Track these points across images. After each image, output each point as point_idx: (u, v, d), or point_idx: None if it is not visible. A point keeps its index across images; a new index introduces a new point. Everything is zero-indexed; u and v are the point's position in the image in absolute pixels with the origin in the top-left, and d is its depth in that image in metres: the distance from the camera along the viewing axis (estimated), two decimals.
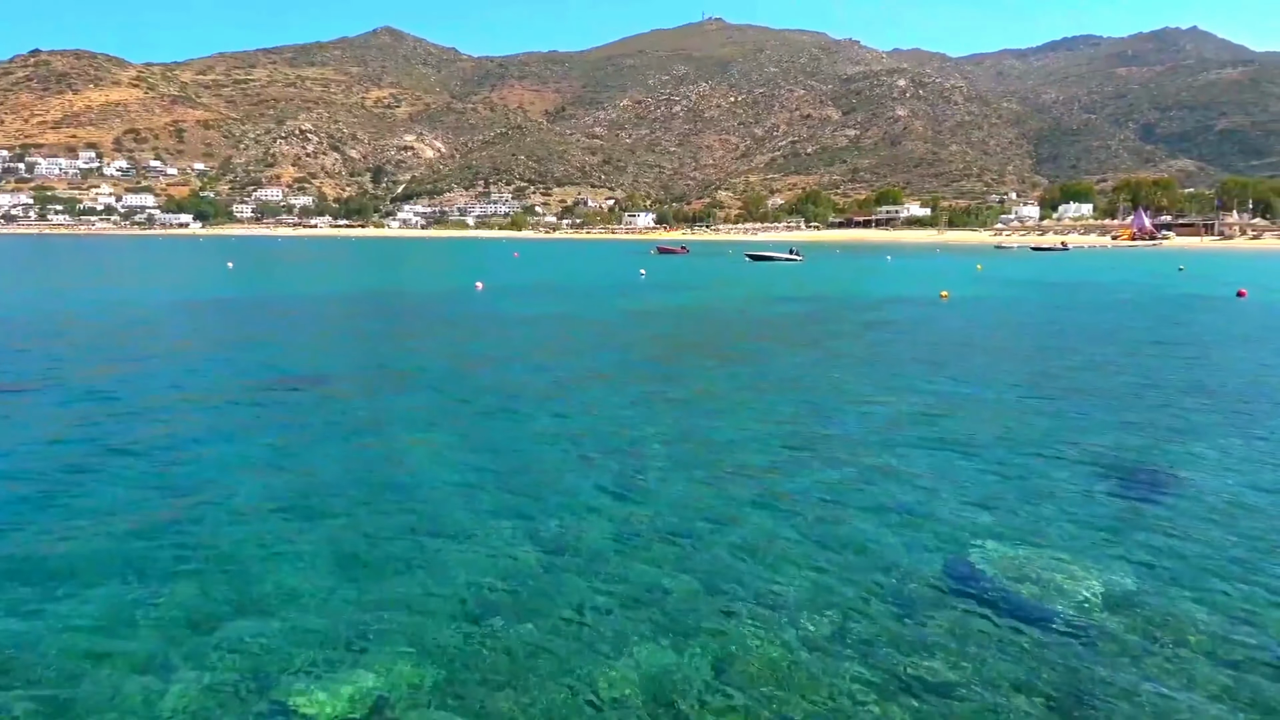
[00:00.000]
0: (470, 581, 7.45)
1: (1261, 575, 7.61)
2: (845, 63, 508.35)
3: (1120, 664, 6.18)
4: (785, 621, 6.77)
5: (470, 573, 7.63)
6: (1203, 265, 75.61)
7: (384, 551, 8.09)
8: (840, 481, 10.37)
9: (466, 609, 6.95)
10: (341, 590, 7.26)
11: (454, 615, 6.84)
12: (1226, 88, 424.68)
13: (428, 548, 8.19)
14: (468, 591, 7.26)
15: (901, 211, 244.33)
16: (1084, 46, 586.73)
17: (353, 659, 6.16)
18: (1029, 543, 8.39)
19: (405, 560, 7.90)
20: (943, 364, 19.69)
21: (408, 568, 7.74)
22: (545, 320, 30.23)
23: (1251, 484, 10.25)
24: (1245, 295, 40.66)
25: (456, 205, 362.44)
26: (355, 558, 7.94)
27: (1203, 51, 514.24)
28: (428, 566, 7.76)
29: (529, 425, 13.21)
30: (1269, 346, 23.50)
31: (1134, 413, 14.34)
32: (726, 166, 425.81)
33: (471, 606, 6.99)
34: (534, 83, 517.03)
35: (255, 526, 8.71)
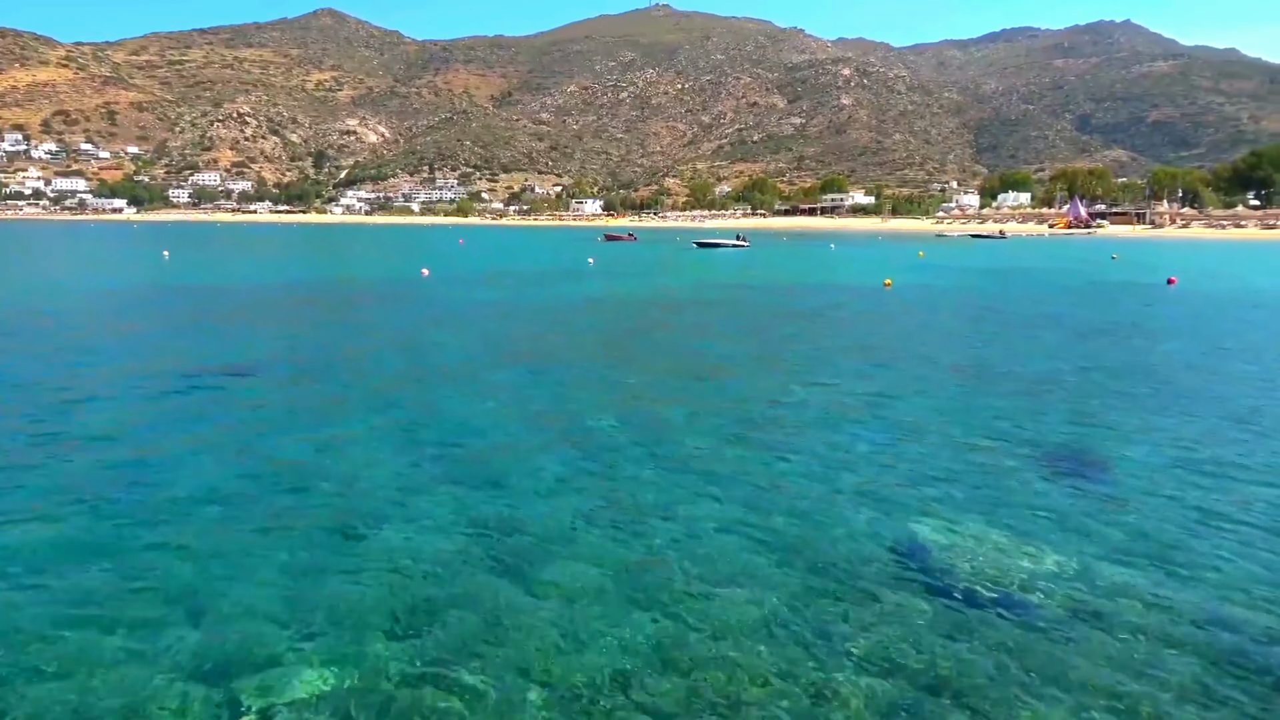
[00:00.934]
0: (411, 572, 7.41)
1: (1192, 554, 7.92)
2: (791, 51, 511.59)
3: (1056, 640, 6.35)
4: (728, 602, 6.86)
5: (411, 563, 7.59)
6: (1135, 253, 77.84)
7: (323, 543, 8.00)
8: (785, 465, 10.51)
9: (407, 600, 6.91)
10: (278, 583, 7.17)
11: (394, 607, 6.80)
12: (1158, 80, 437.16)
13: (369, 539, 8.12)
14: (409, 582, 7.23)
15: (846, 199, 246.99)
16: (1022, 38, 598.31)
17: (289, 653, 6.10)
18: (970, 523, 8.60)
19: (345, 551, 7.83)
20: (885, 350, 20.02)
21: (347, 559, 7.66)
22: (493, 307, 30.02)
23: (1181, 464, 10.64)
24: (1175, 283, 41.98)
25: (401, 191, 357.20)
26: (293, 550, 7.83)
27: (1135, 45, 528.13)
28: (368, 557, 7.70)
29: (474, 414, 13.14)
30: (1198, 332, 24.34)
31: (1070, 397, 14.76)
32: (674, 154, 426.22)
33: (413, 597, 6.96)
34: (479, 67, 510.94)
35: (191, 519, 8.55)
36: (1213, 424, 12.81)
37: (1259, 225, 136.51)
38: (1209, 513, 8.94)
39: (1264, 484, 9.88)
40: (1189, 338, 22.91)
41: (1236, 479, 10.07)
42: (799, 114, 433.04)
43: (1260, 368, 18.06)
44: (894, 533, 8.38)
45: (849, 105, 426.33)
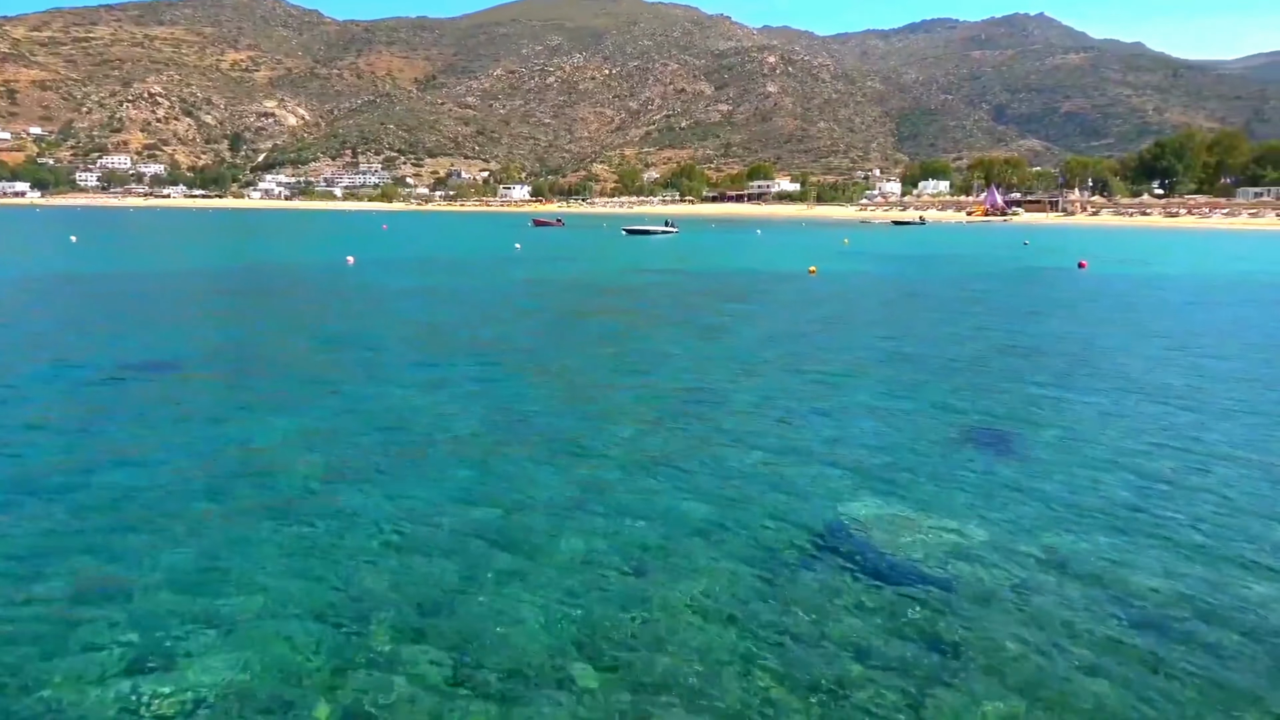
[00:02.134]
0: (342, 563, 7.31)
1: (1107, 524, 8.28)
2: (717, 38, 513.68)
3: (978, 613, 6.58)
4: (659, 584, 6.94)
5: (342, 554, 7.49)
6: (1048, 239, 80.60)
7: (244, 542, 7.81)
8: (714, 450, 10.64)
9: (331, 596, 6.81)
10: (198, 585, 6.99)
11: (317, 604, 6.70)
12: (1070, 72, 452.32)
13: (297, 533, 7.98)
14: (340, 574, 7.13)
15: (772, 186, 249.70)
16: (941, 29, 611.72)
17: (210, 647, 5.99)
18: (896, 502, 8.85)
19: (272, 546, 7.67)
20: (810, 336, 20.42)
21: (275, 553, 7.52)
22: (420, 295, 29.63)
23: (1093, 439, 11.10)
24: (1085, 266, 43.68)
25: (323, 176, 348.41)
26: (213, 549, 7.64)
27: (1049, 37, 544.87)
28: (296, 551, 7.57)
29: (403, 403, 12.99)
30: (1106, 313, 25.41)
31: (989, 377, 15.27)
32: (602, 139, 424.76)
33: (345, 588, 6.87)
34: (403, 49, 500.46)
35: (106, 520, 8.28)
36: (1122, 398, 13.41)
37: (1162, 213, 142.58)
38: (1122, 484, 9.34)
39: (1172, 453, 10.37)
40: (1099, 318, 23.90)
41: (1147, 450, 10.54)
42: (726, 101, 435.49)
43: (1164, 345, 18.94)
44: (822, 512, 8.56)
45: (775, 93, 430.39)
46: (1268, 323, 23.93)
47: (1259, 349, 18.92)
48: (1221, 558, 7.57)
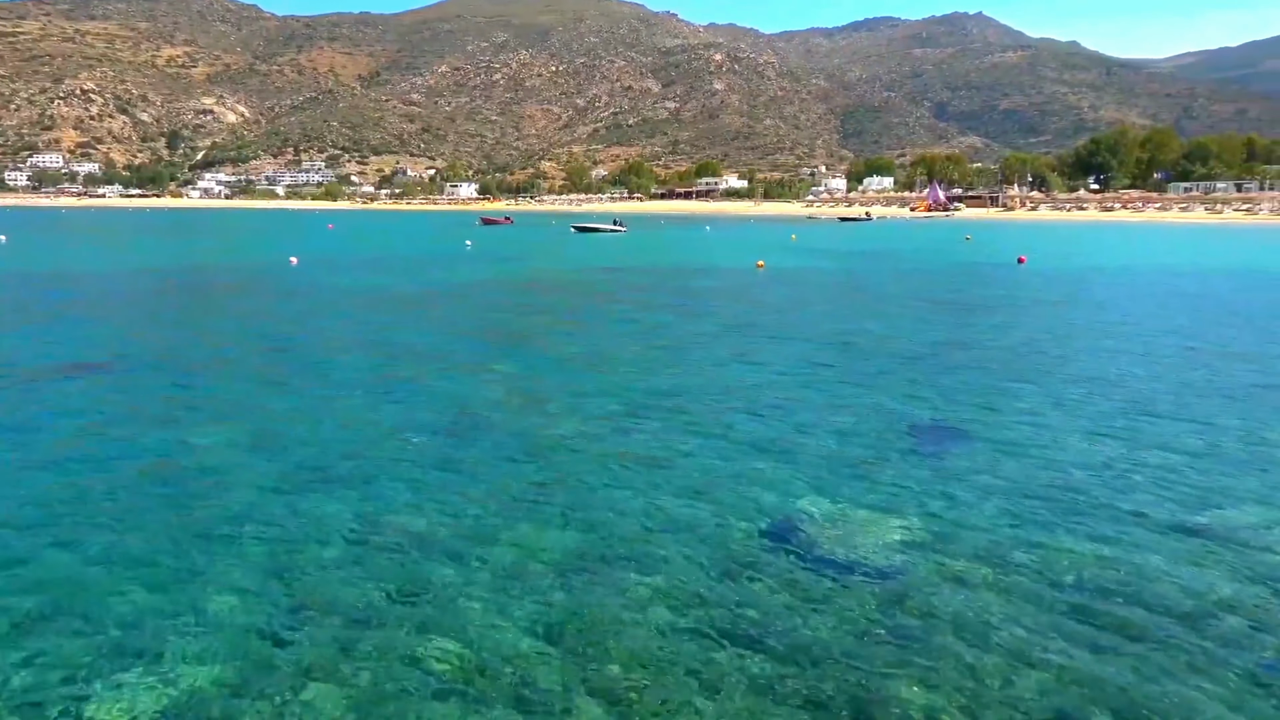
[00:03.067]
0: (279, 574, 7.16)
1: (1047, 516, 8.44)
2: (664, 35, 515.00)
3: (931, 604, 6.67)
4: (608, 586, 6.92)
5: (279, 565, 7.33)
6: (988, 234, 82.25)
7: (184, 550, 7.61)
8: (662, 447, 10.63)
9: (277, 603, 6.67)
10: (137, 592, 6.79)
11: (263, 612, 6.56)
12: (1008, 70, 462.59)
13: (235, 542, 7.77)
14: (277, 585, 6.97)
15: (720, 183, 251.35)
16: (884, 28, 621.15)
17: (153, 664, 5.82)
18: (841, 497, 8.92)
19: (208, 558, 7.46)
20: (758, 331, 20.58)
21: (211, 566, 7.32)
22: (367, 295, 29.22)
23: (1036, 431, 11.32)
24: (1024, 261, 44.68)
25: (264, 174, 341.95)
26: (153, 556, 7.43)
27: (987, 36, 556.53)
28: (235, 560, 7.38)
29: (348, 406, 12.80)
30: (1045, 308, 26.04)
31: (932, 371, 15.50)
32: (549, 137, 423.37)
33: (282, 600, 6.72)
34: (345, 45, 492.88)
35: (44, 526, 8.00)
36: (1063, 389, 13.72)
37: (1098, 208, 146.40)
38: (1065, 474, 9.54)
39: (1113, 443, 10.62)
40: (1038, 312, 24.49)
41: (1088, 440, 10.79)
42: (673, 98, 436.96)
43: (1102, 337, 19.43)
44: (771, 508, 8.60)
45: (721, 90, 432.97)
46: (1197, 313, 24.71)
47: (1189, 338, 19.52)
48: (1162, 546, 7.77)
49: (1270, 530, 8.10)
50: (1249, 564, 7.37)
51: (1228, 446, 10.76)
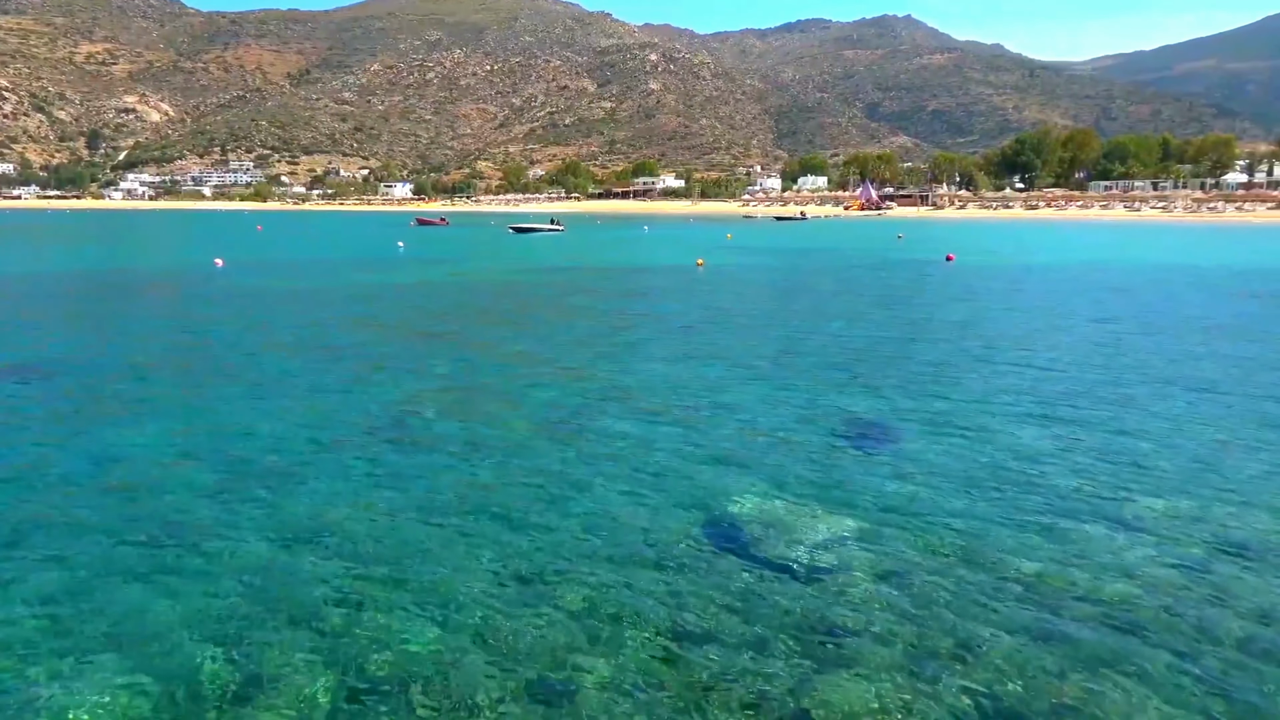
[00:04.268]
0: (213, 581, 6.96)
1: (972, 507, 8.64)
2: (599, 35, 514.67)
3: (866, 597, 6.77)
4: (546, 588, 6.89)
5: (205, 576, 7.12)
6: (919, 233, 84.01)
7: (105, 560, 7.36)
8: (599, 449, 10.62)
9: (205, 610, 6.49)
10: (60, 605, 6.55)
11: (193, 623, 6.37)
12: (936, 72, 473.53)
13: (165, 550, 7.53)
14: (205, 591, 6.79)
15: (657, 183, 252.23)
16: (815, 29, 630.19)
17: (78, 682, 5.64)
18: (782, 493, 9.01)
19: (128, 569, 7.22)
20: (697, 329, 20.68)
21: (132, 576, 7.08)
22: (295, 298, 28.60)
23: (967, 425, 11.58)
24: (953, 259, 45.73)
25: (190, 174, 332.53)
26: (77, 566, 7.18)
27: (915, 38, 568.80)
28: (166, 568, 7.16)
29: (279, 412, 12.49)
30: (973, 304, 26.67)
31: (863, 368, 15.75)
32: (485, 136, 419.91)
33: (214, 607, 6.54)
34: (273, 42, 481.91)
35: None
36: (991, 383, 14.06)
37: (1024, 206, 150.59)
38: (997, 466, 9.78)
39: (1041, 434, 10.91)
40: (965, 309, 25.07)
41: (1018, 432, 11.06)
42: (609, 98, 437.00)
43: (1026, 333, 20.00)
44: (709, 507, 8.64)
45: (657, 90, 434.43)
46: (1119, 307, 25.55)
47: (1113, 332, 20.17)
48: (1092, 534, 8.01)
49: (1194, 517, 8.42)
50: (1173, 550, 7.65)
51: (1153, 434, 11.15)
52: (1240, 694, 5.53)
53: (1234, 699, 5.49)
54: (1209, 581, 7.07)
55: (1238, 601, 6.73)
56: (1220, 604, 6.69)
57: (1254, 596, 6.82)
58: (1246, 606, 6.66)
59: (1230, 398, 13.43)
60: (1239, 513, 8.54)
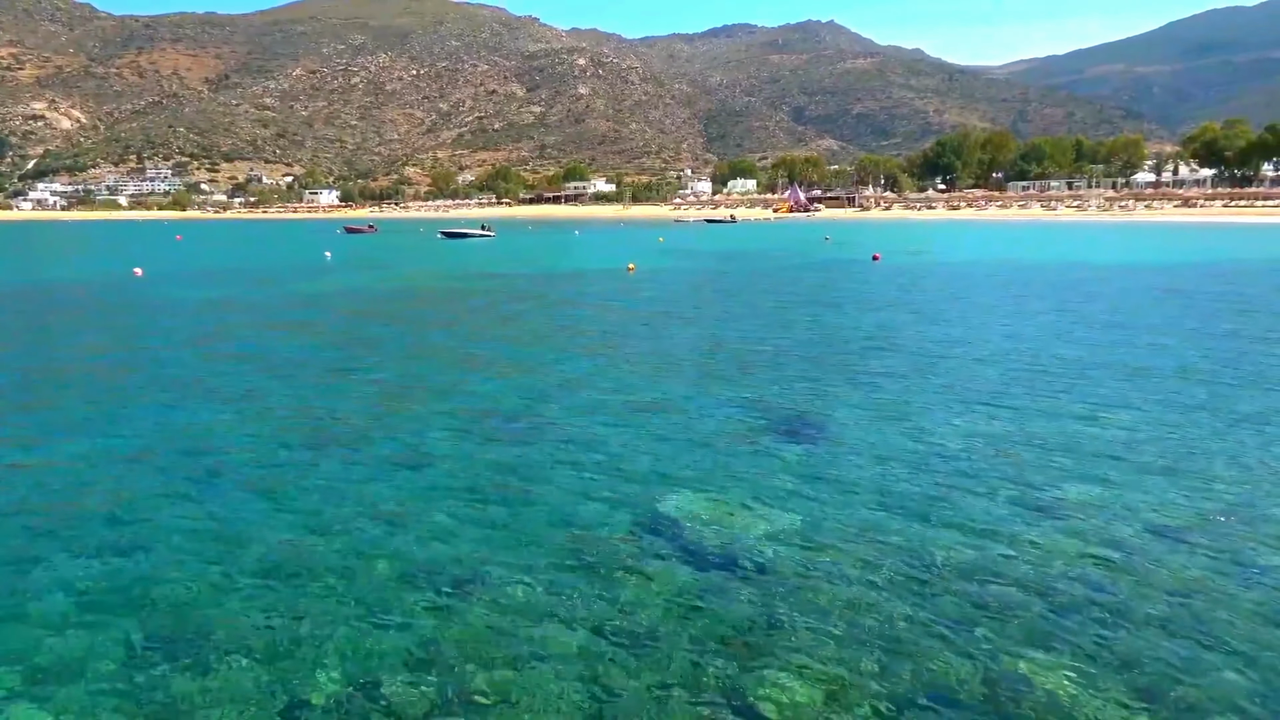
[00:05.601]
0: (136, 598, 6.75)
1: (904, 501, 8.83)
2: (526, 39, 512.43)
3: (795, 593, 6.86)
4: (482, 595, 6.83)
5: (135, 589, 6.90)
6: (846, 234, 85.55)
7: (29, 576, 7.08)
8: (534, 454, 10.57)
9: (133, 626, 6.28)
10: None
11: (117, 636, 6.17)
12: (859, 76, 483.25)
13: (85, 569, 7.27)
14: (131, 606, 6.57)
15: (589, 187, 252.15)
16: (742, 34, 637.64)
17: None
18: (712, 493, 9.08)
19: (56, 584, 6.96)
20: (629, 333, 20.74)
21: (60, 591, 6.83)
22: (217, 308, 27.83)
23: (892, 421, 11.83)
24: (879, 259, 46.72)
25: (104, 183, 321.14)
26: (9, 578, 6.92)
27: (839, 43, 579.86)
28: (100, 582, 6.92)
29: (197, 422, 12.12)
30: (898, 303, 27.28)
31: (794, 365, 15.99)
32: (413, 142, 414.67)
33: (138, 624, 6.33)
34: (190, 47, 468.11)
35: None
36: (916, 379, 14.39)
37: (946, 206, 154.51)
38: (921, 462, 10.00)
39: (965, 429, 11.20)
40: (892, 307, 25.64)
41: (941, 427, 11.34)
42: (538, 103, 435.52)
43: (951, 328, 20.52)
44: (642, 509, 8.66)
45: (586, 95, 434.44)
46: (1039, 302, 26.41)
47: (1034, 327, 20.85)
48: (1014, 524, 8.25)
49: (1114, 502, 8.73)
50: (1092, 538, 7.91)
51: (1070, 427, 11.52)
52: (1156, 668, 5.75)
53: (1151, 672, 5.69)
54: (1129, 563, 7.33)
55: (1156, 580, 7.00)
56: (1140, 583, 6.95)
57: (1170, 575, 7.10)
58: (1165, 585, 6.92)
59: (1141, 385, 13.98)
60: (1155, 497, 8.88)
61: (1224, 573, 7.15)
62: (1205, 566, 7.26)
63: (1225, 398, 13.16)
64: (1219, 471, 9.63)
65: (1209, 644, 6.05)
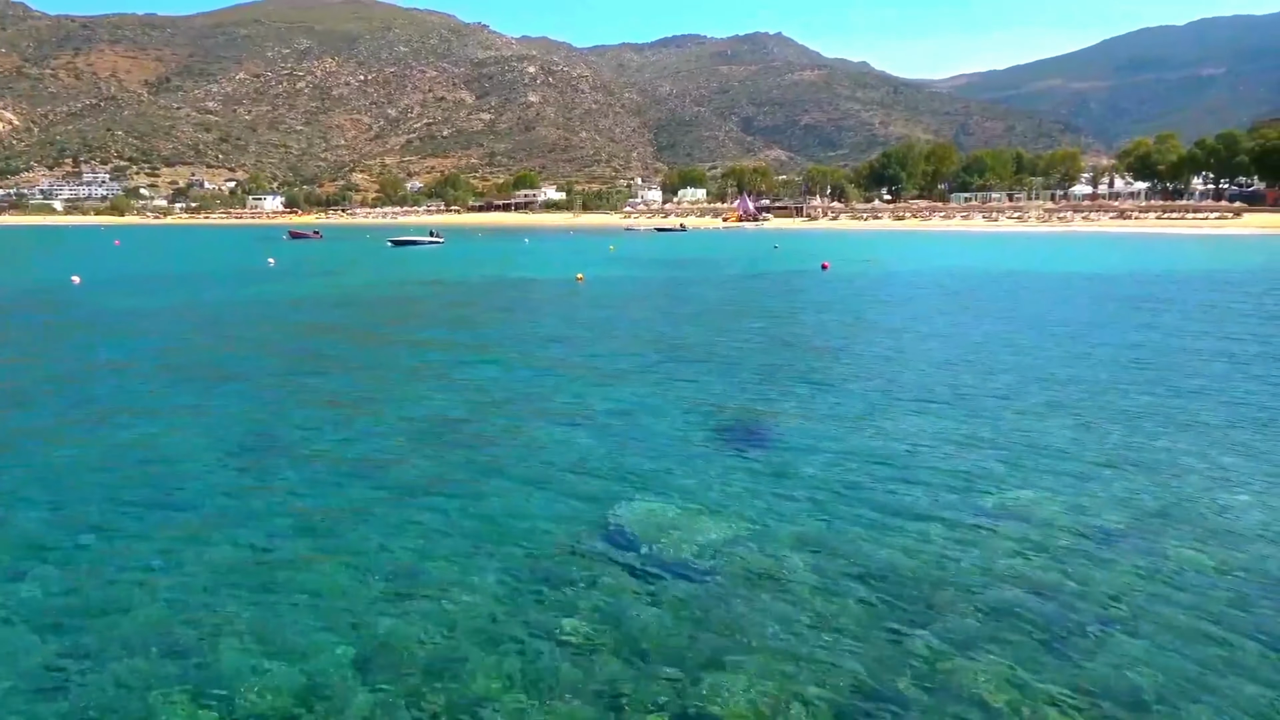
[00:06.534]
0: (70, 611, 6.61)
1: (852, 509, 8.97)
2: (476, 46, 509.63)
3: (745, 597, 6.94)
4: (430, 603, 6.81)
5: (69, 601, 6.77)
6: (795, 243, 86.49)
7: None
8: (482, 462, 10.54)
9: (68, 643, 6.16)
10: None
11: (50, 652, 6.08)
12: (807, 88, 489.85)
13: (14, 576, 7.14)
14: (69, 622, 6.44)
15: (539, 195, 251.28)
16: (691, 45, 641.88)
17: None
18: (662, 500, 9.14)
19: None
20: (577, 343, 20.75)
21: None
22: (158, 316, 27.21)
23: (838, 429, 12.02)
24: (828, 268, 47.35)
25: (39, 187, 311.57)
26: None
27: (787, 55, 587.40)
28: (14, 598, 6.77)
29: (139, 434, 11.88)
30: (847, 310, 27.72)
31: (744, 373, 16.15)
32: (360, 148, 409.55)
33: (75, 640, 6.21)
34: (130, 48, 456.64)
35: None
36: (861, 386, 14.61)
37: (892, 217, 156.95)
38: (865, 467, 10.16)
39: (909, 435, 11.42)
40: (840, 316, 26.05)
41: (884, 435, 11.55)
42: (488, 110, 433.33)
43: (896, 336, 20.89)
44: (589, 516, 8.68)
45: (536, 103, 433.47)
46: (980, 310, 27.01)
47: (974, 333, 21.31)
48: (954, 527, 8.43)
49: (1046, 507, 8.97)
50: (1031, 540, 8.13)
51: (1011, 430, 11.81)
52: (1094, 667, 5.93)
53: (1089, 672, 5.87)
54: (1067, 564, 7.55)
55: (1092, 581, 7.22)
56: (1078, 585, 7.16)
57: (1106, 576, 7.32)
58: (1100, 585, 7.15)
59: (1080, 389, 14.39)
60: (1094, 499, 9.15)
61: (1157, 572, 7.40)
62: (1139, 566, 7.50)
63: (1161, 400, 13.60)
64: (1155, 472, 9.96)
65: (1143, 642, 6.21)
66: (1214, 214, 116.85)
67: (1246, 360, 17.42)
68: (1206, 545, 7.96)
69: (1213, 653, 6.09)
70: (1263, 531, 8.26)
